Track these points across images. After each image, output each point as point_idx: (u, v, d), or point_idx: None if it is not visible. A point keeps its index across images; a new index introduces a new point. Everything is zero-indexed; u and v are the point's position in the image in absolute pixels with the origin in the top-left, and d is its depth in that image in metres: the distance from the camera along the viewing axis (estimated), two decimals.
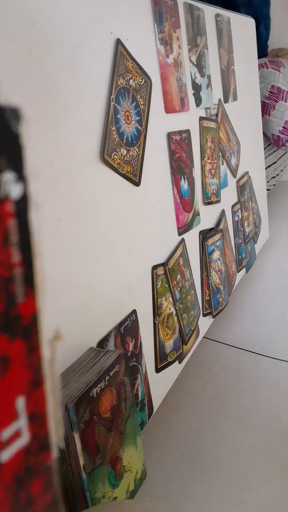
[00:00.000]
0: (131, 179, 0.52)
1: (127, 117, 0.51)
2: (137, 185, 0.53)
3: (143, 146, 0.54)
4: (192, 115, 0.69)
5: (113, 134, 0.48)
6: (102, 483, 0.39)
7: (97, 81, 0.45)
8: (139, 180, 0.54)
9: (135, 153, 0.52)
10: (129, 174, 0.52)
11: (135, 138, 0.52)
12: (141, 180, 0.54)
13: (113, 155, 0.48)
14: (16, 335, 0.16)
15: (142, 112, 0.54)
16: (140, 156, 0.54)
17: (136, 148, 0.53)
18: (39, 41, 0.37)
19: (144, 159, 0.54)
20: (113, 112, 0.48)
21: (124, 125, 0.50)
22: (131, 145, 0.52)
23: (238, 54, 0.88)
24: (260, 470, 0.56)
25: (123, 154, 0.50)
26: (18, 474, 0.17)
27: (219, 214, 0.81)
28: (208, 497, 0.53)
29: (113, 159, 0.48)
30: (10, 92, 0.34)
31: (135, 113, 0.53)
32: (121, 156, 0.50)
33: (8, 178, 0.15)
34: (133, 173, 0.52)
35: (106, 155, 0.47)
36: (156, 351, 0.59)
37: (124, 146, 0.50)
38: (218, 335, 0.86)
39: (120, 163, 0.49)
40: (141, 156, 0.54)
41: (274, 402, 0.67)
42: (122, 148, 0.50)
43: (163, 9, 0.58)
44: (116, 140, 0.49)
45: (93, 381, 0.39)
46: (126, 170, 0.51)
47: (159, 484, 0.55)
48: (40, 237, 0.16)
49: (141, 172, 0.54)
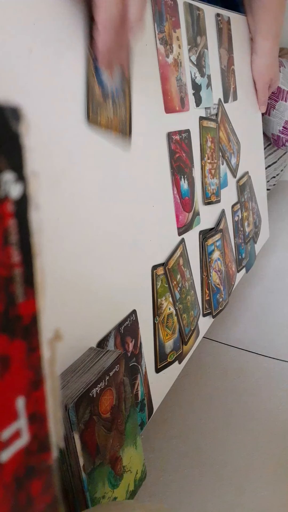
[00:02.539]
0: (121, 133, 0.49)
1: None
2: (128, 136, 0.51)
3: (129, 101, 0.50)
4: (192, 115, 0.69)
5: (96, 88, 0.44)
6: (102, 483, 0.39)
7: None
8: (129, 142, 0.51)
9: (122, 111, 0.49)
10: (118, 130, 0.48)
11: (121, 92, 0.48)
12: (131, 141, 0.51)
13: (99, 116, 0.45)
14: (16, 335, 0.16)
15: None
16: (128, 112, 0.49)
17: (123, 104, 0.48)
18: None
19: (132, 117, 0.51)
20: (92, 68, 0.44)
21: (106, 77, 0.46)
22: (116, 102, 0.47)
23: (238, 54, 0.88)
24: (260, 470, 0.56)
25: (110, 115, 0.46)
26: (18, 474, 0.17)
27: (219, 214, 0.81)
28: (208, 497, 0.53)
29: (99, 121, 0.45)
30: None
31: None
32: (107, 115, 0.46)
33: (8, 178, 0.15)
34: (122, 126, 0.49)
35: (92, 118, 0.44)
36: (156, 351, 0.59)
37: (110, 103, 0.46)
38: (218, 335, 0.86)
39: (107, 124, 0.46)
40: (129, 112, 0.50)
41: (274, 402, 0.67)
42: (107, 105, 0.46)
43: (163, 9, 0.58)
44: (101, 98, 0.45)
45: (93, 381, 0.39)
46: (115, 128, 0.47)
47: (159, 484, 0.55)
48: (40, 237, 0.16)
49: (130, 125, 0.51)
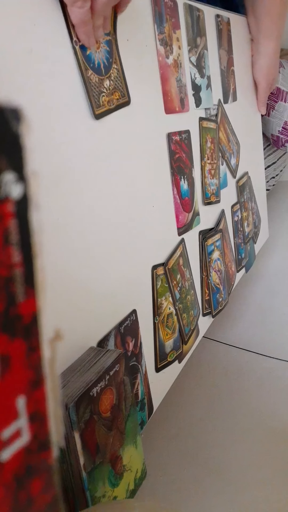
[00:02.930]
0: (122, 103, 0.49)
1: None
2: (128, 103, 0.50)
3: (118, 56, 0.49)
4: (192, 115, 0.69)
5: (92, 78, 0.44)
6: (102, 483, 0.39)
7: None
8: (129, 97, 0.50)
9: (114, 72, 0.48)
10: (119, 101, 0.48)
11: (109, 55, 0.48)
12: (129, 95, 0.51)
13: (101, 100, 0.45)
14: (16, 335, 0.16)
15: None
16: (120, 69, 0.49)
17: (114, 64, 0.48)
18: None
19: (124, 70, 0.50)
20: (82, 55, 0.43)
21: (95, 54, 0.45)
22: (109, 68, 0.47)
23: (238, 55, 0.88)
24: (260, 470, 0.56)
25: (108, 86, 0.46)
26: (18, 474, 0.17)
27: (218, 214, 0.81)
28: (208, 496, 0.53)
29: (103, 104, 0.45)
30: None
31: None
32: (107, 90, 0.46)
33: (9, 178, 0.15)
34: (122, 95, 0.49)
35: (96, 109, 0.44)
36: (156, 351, 0.59)
37: (105, 76, 0.46)
38: (218, 335, 0.86)
39: (108, 99, 0.46)
40: (121, 69, 0.49)
41: (274, 402, 0.67)
42: (104, 81, 0.46)
43: (163, 10, 0.59)
44: (97, 80, 0.45)
45: (93, 381, 0.39)
46: (115, 99, 0.47)
47: (159, 483, 0.55)
48: (40, 237, 0.16)
49: (127, 86, 0.50)
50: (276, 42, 0.93)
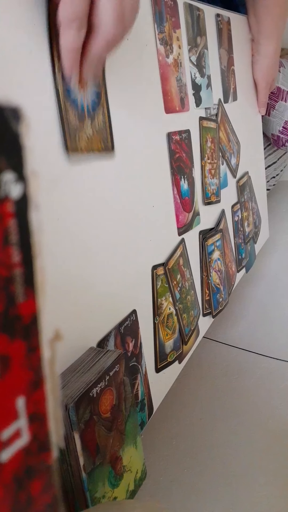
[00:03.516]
0: (103, 152, 0.46)
1: (81, 83, 0.42)
2: (111, 150, 0.47)
3: (106, 104, 0.46)
4: (192, 115, 0.69)
5: (71, 119, 0.41)
6: (102, 483, 0.39)
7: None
8: (112, 145, 0.47)
9: (100, 119, 0.45)
10: (100, 150, 0.45)
11: (96, 99, 0.44)
12: (114, 145, 0.47)
13: (79, 143, 0.41)
14: (16, 335, 0.16)
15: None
16: (107, 117, 0.46)
17: (100, 111, 0.45)
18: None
19: (111, 120, 0.47)
20: (64, 92, 0.40)
21: (79, 96, 0.42)
22: (94, 114, 0.44)
23: (238, 54, 0.88)
24: (260, 470, 0.56)
25: (89, 132, 0.43)
26: (18, 474, 0.17)
27: (219, 214, 0.81)
28: (208, 497, 0.53)
29: (80, 148, 0.42)
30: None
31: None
32: (87, 135, 0.42)
33: (8, 178, 0.15)
34: (105, 144, 0.46)
35: (72, 149, 0.41)
36: (156, 351, 0.59)
37: (87, 121, 0.43)
38: (218, 335, 0.86)
39: (87, 145, 0.43)
40: (108, 118, 0.46)
41: (274, 402, 0.67)
42: (85, 125, 0.42)
43: (163, 9, 0.58)
44: (77, 123, 0.41)
45: (93, 381, 0.39)
46: (96, 147, 0.44)
47: (159, 484, 0.55)
48: (40, 237, 0.16)
49: (112, 135, 0.47)
50: (276, 43, 0.93)
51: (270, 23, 0.90)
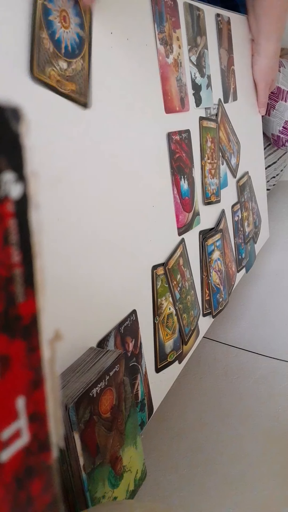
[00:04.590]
0: (76, 99, 0.42)
1: (64, 18, 0.40)
2: (85, 106, 0.43)
3: (88, 56, 0.43)
4: (192, 115, 0.69)
5: (45, 42, 0.38)
6: (102, 483, 0.39)
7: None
8: (87, 100, 0.44)
9: (79, 66, 0.42)
10: (73, 93, 0.42)
11: (77, 46, 0.42)
12: (89, 100, 0.44)
13: (48, 70, 0.38)
14: (16, 335, 0.16)
15: (83, 13, 0.43)
16: (86, 69, 0.43)
17: (80, 59, 0.42)
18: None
19: (91, 74, 0.44)
20: (42, 13, 0.38)
21: (60, 29, 0.40)
22: (72, 56, 0.41)
23: (238, 54, 0.88)
24: (260, 470, 0.56)
25: (63, 69, 0.40)
26: (18, 474, 0.17)
27: (219, 214, 0.81)
28: (208, 497, 0.53)
29: (48, 75, 0.38)
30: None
31: (74, 14, 0.42)
32: (60, 70, 0.40)
33: (8, 178, 0.15)
34: (79, 91, 0.42)
35: (38, 71, 0.37)
36: (156, 351, 0.59)
37: (63, 58, 0.40)
38: (218, 335, 0.86)
39: (59, 80, 0.40)
40: (87, 70, 0.43)
41: (274, 402, 0.67)
42: (60, 60, 0.40)
43: (163, 9, 0.58)
44: (51, 50, 0.39)
45: (93, 381, 0.39)
46: (70, 89, 0.41)
47: (159, 484, 0.55)
48: (40, 237, 0.16)
49: (89, 89, 0.44)
50: (276, 43, 0.94)
51: (270, 24, 0.90)
